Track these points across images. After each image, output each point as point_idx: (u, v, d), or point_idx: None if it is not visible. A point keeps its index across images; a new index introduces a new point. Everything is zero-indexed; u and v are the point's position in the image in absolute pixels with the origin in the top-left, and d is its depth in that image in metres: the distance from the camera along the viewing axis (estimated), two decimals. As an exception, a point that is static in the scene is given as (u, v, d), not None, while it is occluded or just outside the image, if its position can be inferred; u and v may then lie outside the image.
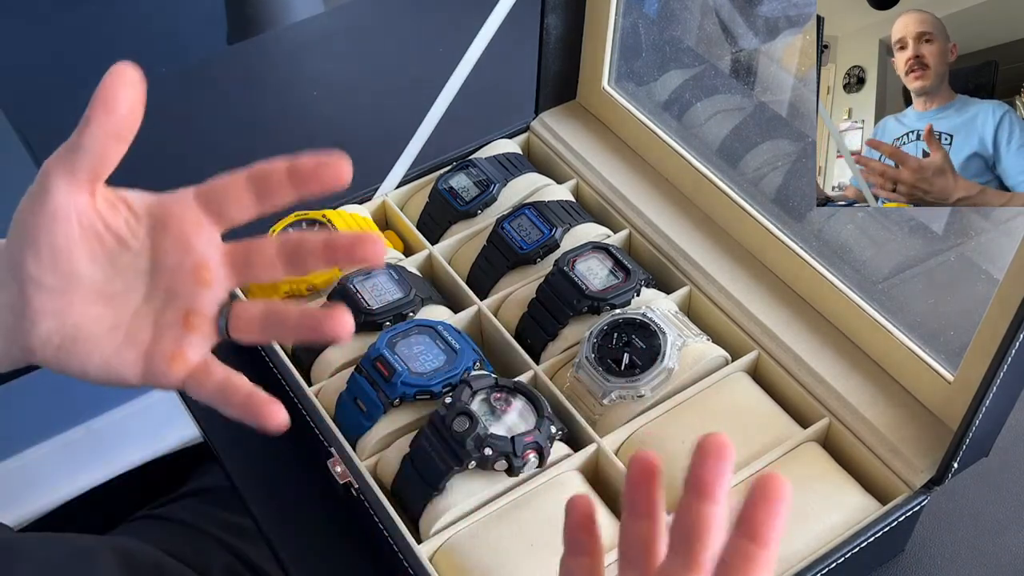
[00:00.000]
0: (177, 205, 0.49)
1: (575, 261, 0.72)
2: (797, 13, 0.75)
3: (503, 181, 0.80)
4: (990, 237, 0.65)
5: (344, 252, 0.48)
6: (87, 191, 0.47)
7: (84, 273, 0.48)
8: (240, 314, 0.50)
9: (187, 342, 0.49)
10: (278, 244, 0.49)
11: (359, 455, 0.66)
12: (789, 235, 0.72)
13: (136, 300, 0.49)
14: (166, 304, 0.49)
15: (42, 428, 1.59)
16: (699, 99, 0.80)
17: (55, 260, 0.47)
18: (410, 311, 0.71)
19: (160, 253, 0.49)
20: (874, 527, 0.61)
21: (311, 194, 0.48)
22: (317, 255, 0.48)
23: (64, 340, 0.48)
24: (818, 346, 0.69)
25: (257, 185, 0.48)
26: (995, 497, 0.70)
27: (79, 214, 0.47)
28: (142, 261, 0.49)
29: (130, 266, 0.49)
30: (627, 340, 0.68)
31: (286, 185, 0.48)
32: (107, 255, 0.48)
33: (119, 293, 0.49)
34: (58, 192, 0.46)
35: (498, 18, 0.78)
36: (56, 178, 0.46)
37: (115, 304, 0.49)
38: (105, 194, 0.48)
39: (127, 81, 0.45)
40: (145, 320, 0.49)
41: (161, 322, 0.49)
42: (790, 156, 0.75)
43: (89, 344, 0.48)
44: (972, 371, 0.60)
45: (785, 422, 0.67)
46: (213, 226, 0.49)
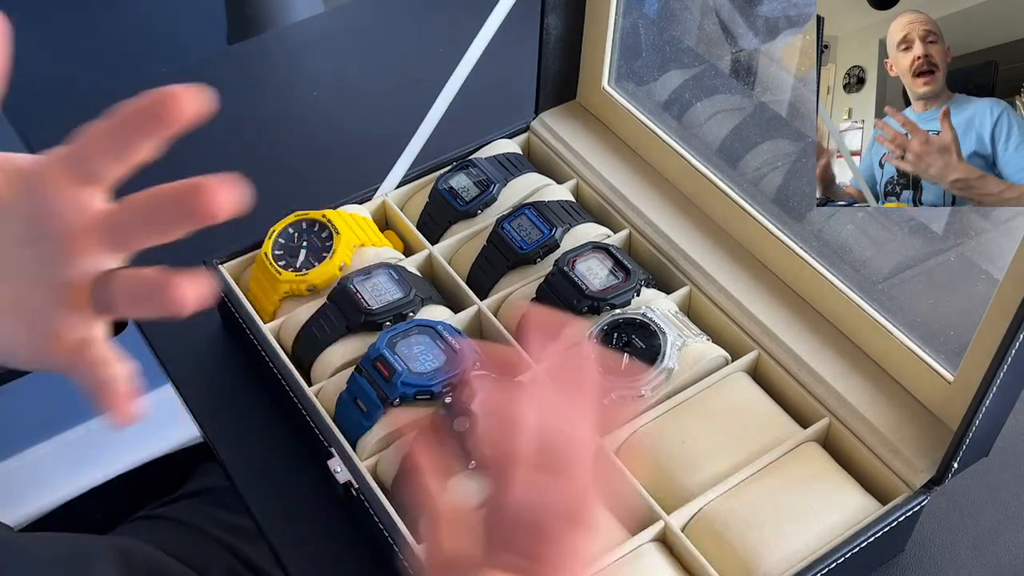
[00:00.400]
0: (44, 169, 0.44)
1: (575, 261, 0.72)
2: (797, 13, 0.75)
3: (503, 181, 0.80)
4: (990, 237, 0.65)
5: (194, 193, 0.42)
6: None
7: None
8: (112, 280, 0.45)
9: (64, 320, 0.45)
10: (143, 199, 0.44)
11: (359, 455, 0.66)
12: (789, 235, 0.72)
13: (24, 273, 0.45)
14: (51, 277, 0.45)
15: (42, 428, 1.59)
16: (699, 99, 0.80)
17: None
18: (410, 311, 0.71)
19: (36, 220, 0.44)
20: (874, 527, 0.61)
21: (172, 126, 0.44)
22: (173, 204, 0.43)
23: None
24: (818, 346, 0.69)
25: (118, 135, 0.43)
26: (995, 497, 0.70)
27: None
28: (20, 228, 0.44)
29: (12, 235, 0.45)
30: (627, 340, 0.68)
31: (148, 123, 0.43)
32: None
33: (2, 265, 0.45)
34: None
35: (498, 18, 0.78)
36: None
37: (2, 277, 0.45)
38: None
39: None
40: (35, 295, 0.45)
41: (47, 299, 0.45)
42: (790, 156, 0.75)
43: None
44: (972, 371, 0.60)
45: (785, 422, 0.67)
46: (82, 187, 0.44)
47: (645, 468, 0.65)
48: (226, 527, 0.84)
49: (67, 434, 1.61)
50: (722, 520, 0.62)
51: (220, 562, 0.81)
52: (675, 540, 0.62)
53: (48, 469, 1.57)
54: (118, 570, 0.72)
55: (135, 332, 0.81)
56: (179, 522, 0.84)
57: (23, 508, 1.43)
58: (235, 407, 0.77)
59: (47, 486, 1.49)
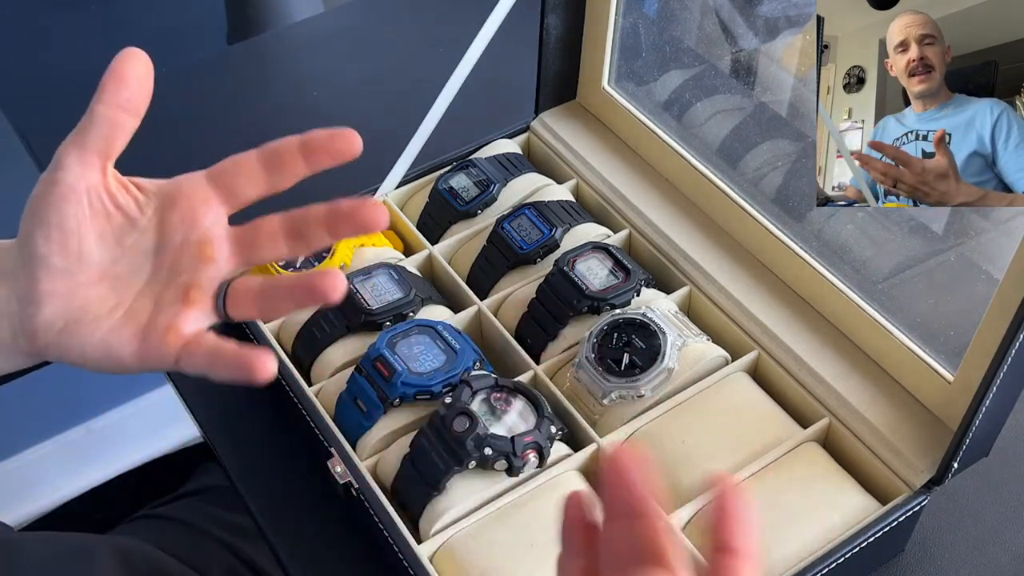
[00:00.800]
0: (188, 184, 0.50)
1: (575, 261, 0.72)
2: (797, 13, 0.75)
3: (503, 181, 0.80)
4: (990, 237, 0.65)
5: (346, 218, 0.48)
6: (98, 168, 0.48)
7: (92, 253, 0.48)
8: (237, 289, 0.50)
9: (183, 316, 0.49)
10: (281, 218, 0.50)
11: (359, 455, 0.66)
12: (789, 235, 0.72)
13: (140, 281, 0.50)
14: (168, 282, 0.49)
15: (42, 428, 1.59)
16: (699, 99, 0.80)
17: (64, 240, 0.47)
18: (410, 311, 0.71)
19: (166, 230, 0.49)
20: (874, 527, 0.61)
21: (322, 166, 0.48)
22: (319, 223, 0.49)
23: (68, 323, 0.48)
24: (818, 346, 0.69)
25: (268, 160, 0.49)
26: (995, 497, 0.70)
27: (89, 193, 0.48)
28: (148, 239, 0.49)
29: (136, 245, 0.49)
30: (627, 340, 0.68)
31: (297, 158, 0.49)
32: (115, 234, 0.49)
33: (124, 274, 0.49)
34: (70, 170, 0.47)
35: (498, 18, 0.78)
36: (68, 156, 0.47)
37: (119, 285, 0.49)
38: (116, 175, 0.49)
39: (137, 57, 0.47)
40: (146, 299, 0.49)
41: (161, 300, 0.49)
42: (790, 156, 0.75)
43: (92, 326, 0.49)
44: (972, 371, 0.60)
45: (785, 422, 0.67)
46: (222, 205, 0.50)
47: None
48: (226, 527, 0.84)
49: (67, 434, 1.61)
50: (722, 520, 0.62)
51: (220, 562, 0.81)
52: (675, 540, 0.62)
53: (48, 469, 1.57)
54: (118, 570, 0.72)
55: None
56: (179, 522, 0.84)
57: (23, 508, 1.43)
58: (235, 407, 0.77)
59: (47, 486, 1.49)
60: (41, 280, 0.48)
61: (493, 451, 0.61)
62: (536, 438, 0.62)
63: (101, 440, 1.61)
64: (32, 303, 0.48)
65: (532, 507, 0.63)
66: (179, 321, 0.49)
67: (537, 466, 0.63)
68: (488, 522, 0.62)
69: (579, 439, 0.67)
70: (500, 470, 0.62)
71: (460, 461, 0.61)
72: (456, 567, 0.61)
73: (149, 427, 1.57)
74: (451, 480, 0.62)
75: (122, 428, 1.61)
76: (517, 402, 0.64)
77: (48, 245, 0.47)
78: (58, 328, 0.48)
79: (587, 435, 0.66)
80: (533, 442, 0.62)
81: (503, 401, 0.64)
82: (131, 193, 0.49)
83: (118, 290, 0.49)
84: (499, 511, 0.63)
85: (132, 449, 1.53)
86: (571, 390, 0.69)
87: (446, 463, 0.61)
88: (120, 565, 0.73)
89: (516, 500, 0.63)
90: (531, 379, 0.69)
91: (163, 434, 1.52)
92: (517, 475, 0.63)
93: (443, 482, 0.61)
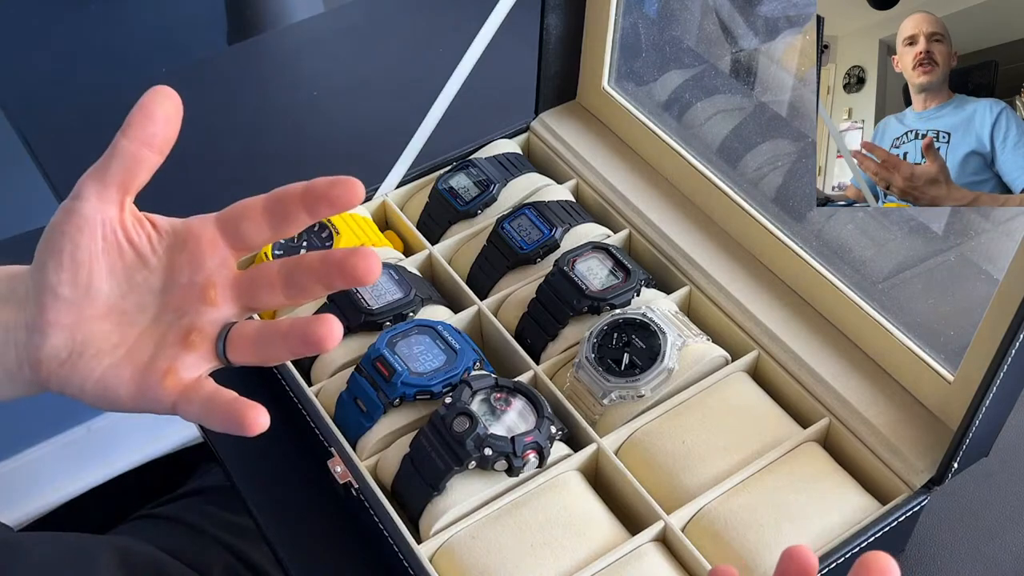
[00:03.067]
0: (198, 225, 0.50)
1: (575, 261, 0.72)
2: (797, 13, 0.75)
3: (503, 181, 0.80)
4: (990, 237, 0.65)
5: (337, 266, 0.48)
6: (116, 203, 0.48)
7: (101, 287, 0.48)
8: (237, 334, 0.50)
9: (183, 359, 0.49)
10: (278, 266, 0.50)
11: (359, 455, 0.66)
12: (789, 235, 0.72)
13: (144, 320, 0.50)
14: (171, 323, 0.50)
15: (42, 428, 1.59)
16: (699, 99, 0.80)
17: (75, 271, 0.48)
18: (410, 311, 0.71)
19: (174, 270, 0.49)
20: (874, 527, 0.61)
21: (322, 215, 0.48)
22: (313, 272, 0.49)
23: (71, 355, 0.49)
24: (818, 346, 0.69)
25: (273, 208, 0.49)
26: (995, 497, 0.70)
27: (104, 226, 0.48)
28: (157, 279, 0.50)
29: (145, 284, 0.49)
30: (627, 340, 0.68)
31: (300, 209, 0.48)
32: (125, 271, 0.49)
33: (130, 311, 0.49)
34: (87, 202, 0.47)
35: (498, 18, 0.78)
36: (87, 187, 0.47)
37: (124, 321, 0.49)
38: (133, 211, 0.49)
39: (167, 95, 0.48)
40: (148, 340, 0.50)
41: (163, 342, 0.49)
42: (790, 156, 0.75)
43: (93, 361, 0.49)
44: (972, 371, 0.60)
45: (785, 422, 0.67)
46: (229, 249, 0.50)
47: (645, 468, 0.65)
48: (226, 527, 0.84)
49: (67, 434, 1.61)
50: (722, 520, 0.62)
51: (220, 562, 0.81)
52: (675, 540, 0.62)
53: (48, 469, 1.57)
54: (118, 569, 0.73)
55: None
56: (179, 522, 0.84)
57: (23, 508, 1.43)
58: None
59: (47, 486, 1.49)
60: (48, 309, 0.48)
61: (493, 451, 0.61)
62: (536, 438, 0.62)
63: (101, 440, 1.61)
64: (38, 332, 0.48)
65: (532, 507, 0.63)
66: (178, 365, 0.49)
67: (537, 466, 0.63)
68: (488, 522, 0.62)
69: (579, 439, 0.67)
70: (500, 470, 0.62)
71: (460, 461, 0.61)
72: (456, 567, 0.61)
73: (149, 427, 1.57)
74: (451, 480, 0.62)
75: (122, 428, 1.61)
76: (517, 402, 0.64)
77: (58, 274, 0.48)
78: (61, 360, 0.49)
79: (587, 435, 0.66)
80: (533, 442, 0.62)
81: (503, 401, 0.64)
82: (145, 230, 0.49)
83: (122, 327, 0.49)
84: (499, 511, 0.63)
85: (132, 449, 1.53)
86: (571, 390, 0.69)
87: (446, 463, 0.61)
88: (120, 565, 0.73)
89: (516, 500, 0.63)
90: (531, 379, 0.69)
91: (163, 434, 1.52)
92: (517, 475, 0.63)
93: (443, 482, 0.61)
